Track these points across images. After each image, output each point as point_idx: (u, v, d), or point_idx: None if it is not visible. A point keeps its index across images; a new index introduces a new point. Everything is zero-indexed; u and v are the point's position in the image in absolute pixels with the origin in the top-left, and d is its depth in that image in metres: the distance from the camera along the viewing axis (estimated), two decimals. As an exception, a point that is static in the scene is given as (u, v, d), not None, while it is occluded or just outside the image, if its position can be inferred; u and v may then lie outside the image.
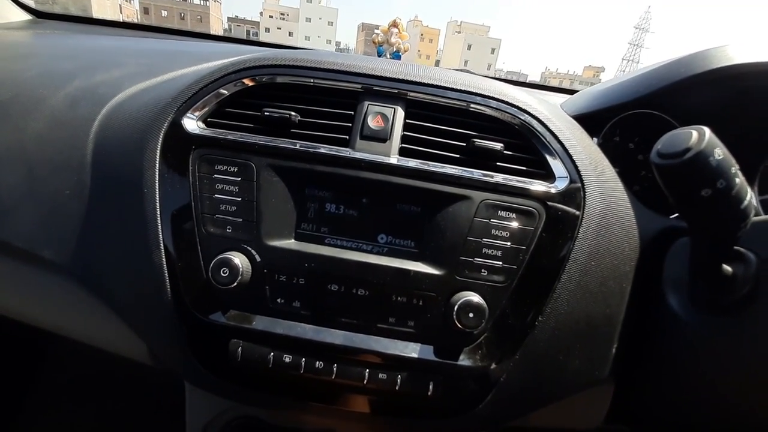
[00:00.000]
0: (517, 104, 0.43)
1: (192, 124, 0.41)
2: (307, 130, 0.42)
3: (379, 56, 0.83)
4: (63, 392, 0.87)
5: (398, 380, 0.39)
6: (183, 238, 0.40)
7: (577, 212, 0.40)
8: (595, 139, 0.54)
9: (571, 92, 0.96)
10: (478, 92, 0.43)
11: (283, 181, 0.40)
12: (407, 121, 0.42)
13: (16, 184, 0.44)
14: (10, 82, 0.51)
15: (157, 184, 0.40)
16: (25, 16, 0.90)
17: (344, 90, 0.43)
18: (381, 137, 0.41)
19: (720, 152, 0.28)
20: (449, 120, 0.43)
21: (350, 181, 0.40)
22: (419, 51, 70.27)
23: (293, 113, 0.41)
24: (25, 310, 0.51)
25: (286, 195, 0.40)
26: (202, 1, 63.82)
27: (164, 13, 62.35)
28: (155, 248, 0.40)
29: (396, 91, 0.43)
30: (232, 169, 0.40)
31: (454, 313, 0.37)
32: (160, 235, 0.40)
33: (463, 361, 0.39)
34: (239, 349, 0.39)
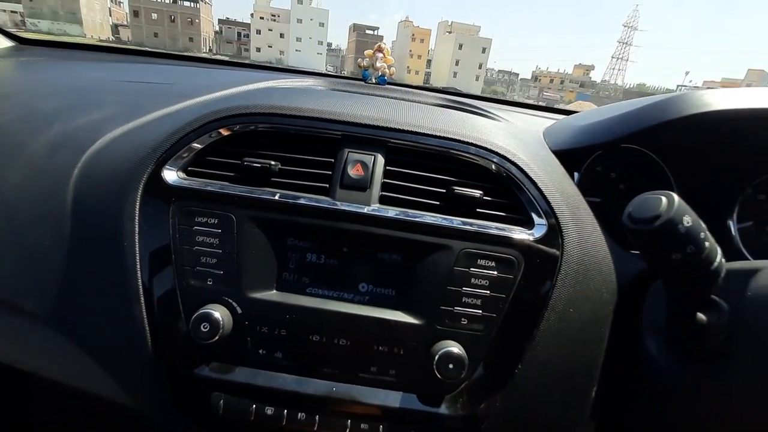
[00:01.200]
0: (496, 150, 0.43)
1: (172, 175, 0.41)
2: (288, 178, 0.42)
3: (365, 80, 0.83)
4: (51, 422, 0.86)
5: (380, 430, 0.39)
6: (163, 291, 0.40)
7: (556, 259, 0.40)
8: (576, 175, 0.55)
9: (558, 111, 0.98)
10: (459, 139, 0.43)
11: (263, 233, 0.40)
12: (387, 168, 0.43)
13: None
14: None
15: (137, 236, 0.40)
16: (8, 43, 0.89)
17: (324, 137, 0.43)
18: (361, 186, 0.41)
19: (688, 219, 0.29)
20: (430, 166, 0.43)
21: (331, 232, 0.40)
22: (411, 51, 70.37)
23: (273, 162, 0.41)
24: (6, 355, 0.51)
25: (266, 246, 0.40)
26: (192, 3, 63.38)
27: (154, 15, 61.82)
28: (135, 302, 0.40)
29: (376, 138, 0.43)
30: (212, 221, 0.40)
31: (434, 363, 0.37)
32: (140, 289, 0.40)
33: (444, 409, 0.40)
34: (221, 401, 0.39)
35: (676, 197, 0.29)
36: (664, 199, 0.29)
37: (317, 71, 0.99)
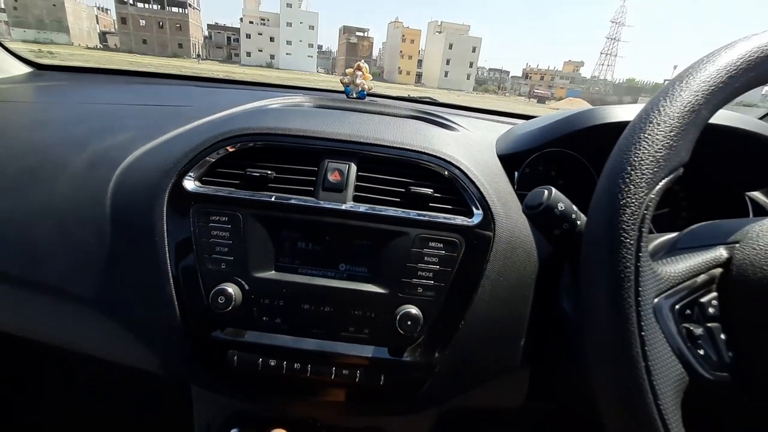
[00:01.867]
0: (444, 158, 0.55)
1: (191, 184, 0.53)
2: (281, 184, 0.54)
3: (347, 95, 0.95)
4: (74, 397, 0.98)
5: (357, 375, 0.51)
6: (187, 274, 0.51)
7: (489, 240, 0.53)
8: (516, 173, 0.67)
9: (519, 116, 1.10)
10: (414, 149, 0.56)
11: (263, 227, 0.52)
12: (359, 173, 0.55)
13: (49, 236, 0.55)
14: (36, 149, 0.62)
15: (165, 232, 0.52)
16: (26, 69, 1.00)
17: (309, 151, 0.55)
18: (338, 188, 0.53)
19: (562, 205, 0.41)
20: (392, 171, 0.55)
21: (316, 224, 0.52)
22: (401, 52, 70.62)
23: (269, 171, 0.53)
24: (53, 335, 0.62)
25: (266, 237, 0.52)
26: (180, 9, 63.13)
27: (142, 22, 61.53)
28: (166, 282, 0.51)
29: (350, 151, 0.55)
30: (224, 219, 0.51)
31: (397, 322, 0.49)
32: (170, 272, 0.51)
33: (406, 357, 0.52)
34: (235, 357, 0.51)
35: (553, 190, 0.41)
36: (545, 191, 0.41)
37: (307, 86, 1.11)
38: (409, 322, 0.49)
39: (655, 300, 0.29)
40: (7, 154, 0.62)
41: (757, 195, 0.70)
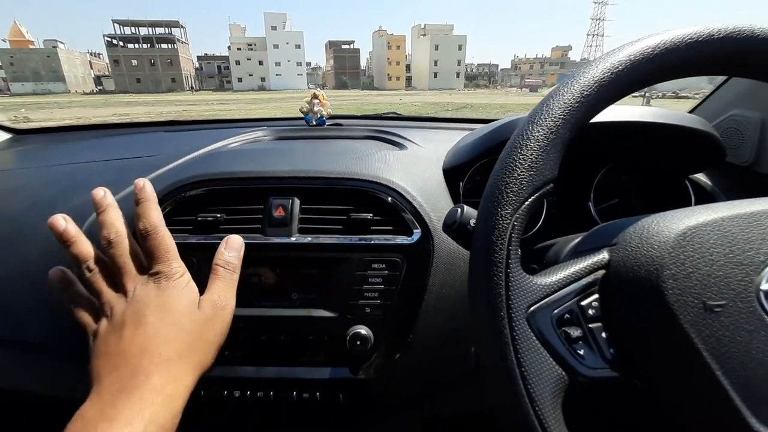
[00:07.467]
0: (380, 182, 0.59)
1: (147, 234, 0.57)
2: (232, 225, 0.57)
3: (308, 123, 0.99)
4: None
5: (318, 396, 0.54)
6: None
7: (429, 255, 0.56)
8: (461, 184, 0.70)
9: (480, 121, 1.13)
10: (354, 177, 0.59)
11: None
12: (303, 206, 0.58)
13: (25, 298, 0.59)
14: (9, 217, 0.66)
15: None
16: (6, 136, 1.06)
17: (255, 191, 0.59)
18: (284, 223, 0.57)
19: (474, 221, 0.44)
20: (334, 199, 0.59)
21: (266, 259, 0.56)
22: (389, 59, 71.27)
23: (218, 215, 0.57)
24: (41, 388, 0.66)
25: None
26: (170, 45, 64.50)
27: (134, 62, 62.96)
28: None
29: (292, 187, 0.59)
30: None
31: (347, 342, 0.52)
32: None
33: (362, 375, 0.55)
34: (201, 392, 0.54)
35: (465, 207, 0.44)
36: (458, 209, 0.44)
37: (269, 117, 1.16)
38: (358, 342, 0.52)
39: (530, 309, 0.32)
40: None
41: (699, 177, 0.72)
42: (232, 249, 0.52)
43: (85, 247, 0.48)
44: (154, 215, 0.48)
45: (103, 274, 0.47)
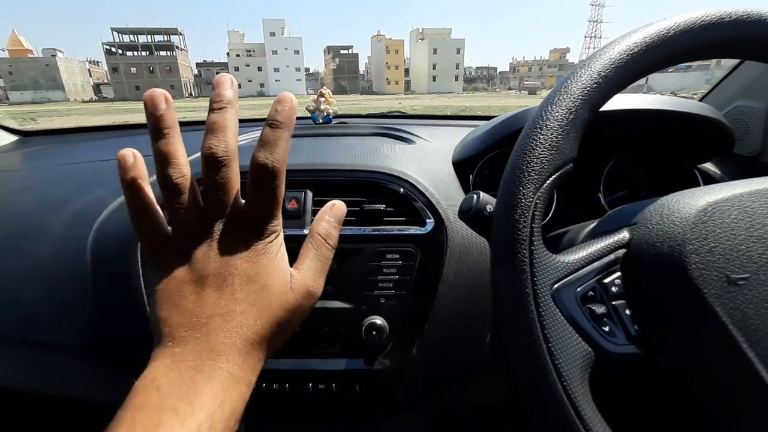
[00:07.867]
0: (392, 173, 0.59)
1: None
2: None
3: (314, 121, 0.99)
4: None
5: (333, 388, 0.54)
6: None
7: (442, 245, 0.56)
8: (471, 177, 0.70)
9: (482, 118, 1.14)
10: (365, 169, 0.59)
11: None
12: (315, 198, 0.59)
13: (37, 296, 0.59)
14: (18, 216, 0.66)
15: (141, 277, 0.56)
16: (12, 138, 1.06)
17: None
18: (297, 215, 0.57)
19: (490, 206, 0.44)
20: (346, 192, 0.59)
21: (279, 251, 0.56)
22: (387, 63, 71.55)
23: None
24: (50, 386, 0.66)
25: None
26: (168, 52, 64.77)
27: (133, 69, 63.19)
28: (147, 322, 0.55)
29: (305, 179, 0.59)
30: None
31: (363, 333, 0.52)
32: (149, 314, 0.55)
33: (377, 365, 0.55)
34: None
35: (481, 194, 0.44)
36: (474, 196, 0.45)
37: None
38: (374, 332, 0.52)
39: (555, 286, 0.32)
40: None
41: (708, 167, 0.72)
42: (335, 218, 0.39)
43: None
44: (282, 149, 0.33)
45: (191, 198, 0.32)
